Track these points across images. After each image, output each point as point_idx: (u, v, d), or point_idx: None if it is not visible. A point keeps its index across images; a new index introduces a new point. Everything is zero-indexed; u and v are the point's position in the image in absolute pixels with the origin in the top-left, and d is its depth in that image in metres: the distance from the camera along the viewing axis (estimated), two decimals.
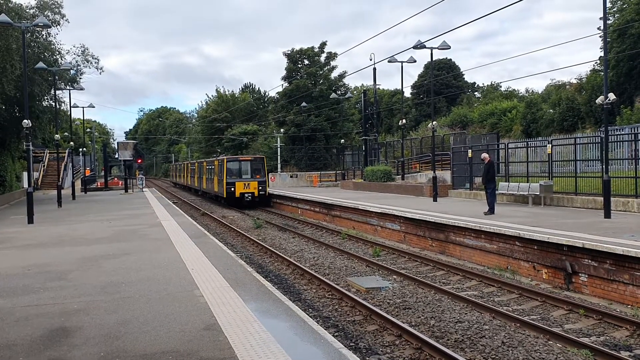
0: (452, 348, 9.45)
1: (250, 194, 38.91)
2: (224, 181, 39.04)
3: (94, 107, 50.96)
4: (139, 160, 52.79)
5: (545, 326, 10.50)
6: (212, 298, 9.22)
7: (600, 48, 43.65)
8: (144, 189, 51.23)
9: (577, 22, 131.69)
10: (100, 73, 45.96)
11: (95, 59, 44.91)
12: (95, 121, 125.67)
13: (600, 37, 42.93)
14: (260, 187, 39.15)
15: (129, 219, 23.67)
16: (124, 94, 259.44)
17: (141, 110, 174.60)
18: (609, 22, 44.23)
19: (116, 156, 63.40)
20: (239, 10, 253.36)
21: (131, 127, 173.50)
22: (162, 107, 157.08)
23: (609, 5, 46.86)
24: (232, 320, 7.90)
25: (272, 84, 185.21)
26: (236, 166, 39.88)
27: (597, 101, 18.48)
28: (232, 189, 38.70)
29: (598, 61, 49.38)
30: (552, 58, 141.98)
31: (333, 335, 9.30)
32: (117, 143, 64.80)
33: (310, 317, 10.26)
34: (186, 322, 7.89)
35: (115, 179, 77.61)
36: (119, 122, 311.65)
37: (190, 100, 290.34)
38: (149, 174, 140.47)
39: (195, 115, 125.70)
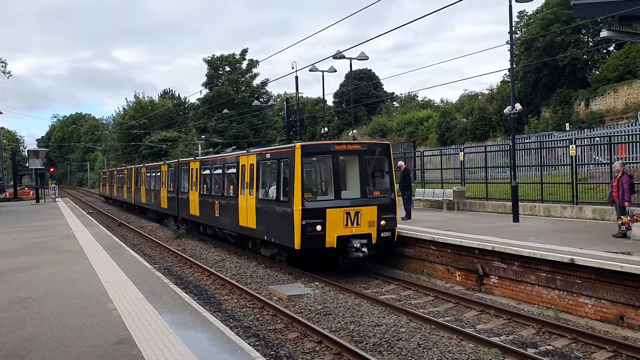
0: (371, 352, 9.63)
1: (362, 239, 15.89)
2: (294, 209, 15.65)
3: (1, 112, 48.33)
4: (52, 169, 50.46)
5: (459, 327, 10.92)
6: (126, 311, 8.95)
7: (509, 60, 46.26)
8: (56, 199, 48.98)
9: (488, 35, 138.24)
10: (8, 77, 43.75)
11: (2, 62, 42.70)
12: (2, 128, 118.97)
13: (508, 49, 45.29)
14: (383, 221, 16.18)
15: (39, 230, 22.56)
16: (30, 99, 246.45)
17: (55, 117, 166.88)
18: (516, 35, 46.75)
19: (27, 165, 60.28)
20: (154, 15, 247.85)
21: (43, 135, 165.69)
22: (76, 113, 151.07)
23: (516, 19, 49.61)
24: (147, 333, 7.71)
25: (189, 91, 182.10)
26: (328, 167, 16.65)
27: (505, 111, 19.47)
28: (319, 226, 15.55)
29: (507, 72, 52.04)
30: (464, 69, 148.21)
31: (253, 345, 9.29)
32: (28, 151, 61.65)
33: (230, 327, 10.19)
34: (98, 336, 7.62)
35: (26, 188, 74.01)
36: (28, 129, 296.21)
37: (105, 107, 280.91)
38: (63, 183, 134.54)
39: (112, 122, 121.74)
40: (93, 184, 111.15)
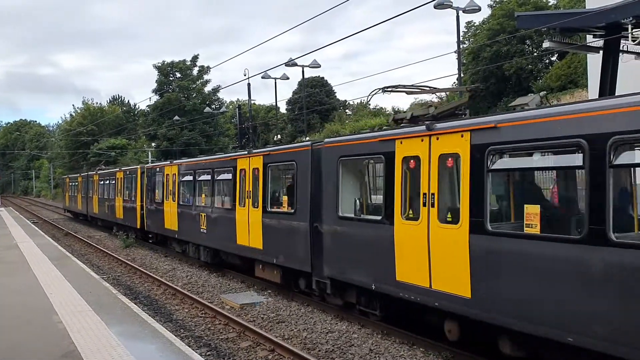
0: (323, 358, 9.66)
1: None
2: None
3: None
4: None
5: (409, 332, 11.03)
6: (72, 323, 8.70)
7: (457, 69, 47.41)
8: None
9: (436, 45, 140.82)
10: None
11: None
12: None
13: (456, 58, 46.43)
14: None
15: None
16: None
17: None
18: (464, 45, 47.99)
19: None
20: (100, 20, 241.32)
21: None
22: (20, 120, 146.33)
23: (463, 30, 50.98)
24: (94, 346, 7.51)
25: (135, 97, 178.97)
26: None
27: None
28: None
29: (455, 81, 53.30)
30: (413, 77, 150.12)
31: (205, 355, 9.19)
32: None
33: (181, 337, 10.04)
34: (42, 350, 7.39)
35: None
36: None
37: (48, 114, 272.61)
38: (6, 192, 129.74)
39: (58, 129, 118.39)
40: (39, 193, 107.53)
